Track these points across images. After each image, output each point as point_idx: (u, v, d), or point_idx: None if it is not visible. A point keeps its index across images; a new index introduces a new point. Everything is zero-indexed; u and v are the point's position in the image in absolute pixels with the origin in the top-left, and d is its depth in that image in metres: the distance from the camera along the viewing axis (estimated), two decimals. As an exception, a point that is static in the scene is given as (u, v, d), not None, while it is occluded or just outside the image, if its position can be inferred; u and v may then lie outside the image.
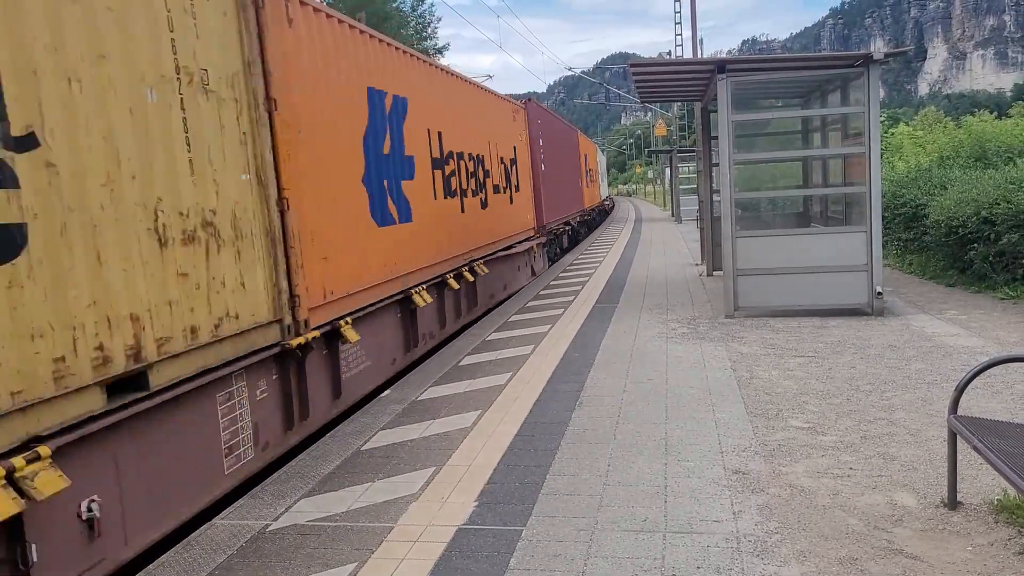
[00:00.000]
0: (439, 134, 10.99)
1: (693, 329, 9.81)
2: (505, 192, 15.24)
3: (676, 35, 45.96)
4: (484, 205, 13.46)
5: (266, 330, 5.82)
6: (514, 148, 16.34)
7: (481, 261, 12.72)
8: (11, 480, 3.42)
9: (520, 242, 15.99)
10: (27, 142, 3.77)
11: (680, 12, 40.33)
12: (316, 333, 6.49)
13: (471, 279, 11.87)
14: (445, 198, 11.10)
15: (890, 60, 10.15)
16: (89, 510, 3.98)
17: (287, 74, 6.40)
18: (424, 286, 9.63)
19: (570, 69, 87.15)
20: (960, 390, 4.36)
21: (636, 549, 4.01)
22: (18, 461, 3.47)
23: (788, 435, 5.67)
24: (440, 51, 47.21)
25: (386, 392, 7.71)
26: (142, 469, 4.43)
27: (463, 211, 12.06)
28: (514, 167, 16.20)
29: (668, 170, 41.52)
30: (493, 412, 6.62)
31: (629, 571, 3.79)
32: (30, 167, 3.77)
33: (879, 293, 9.90)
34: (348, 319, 7.20)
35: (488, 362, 8.61)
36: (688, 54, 34.24)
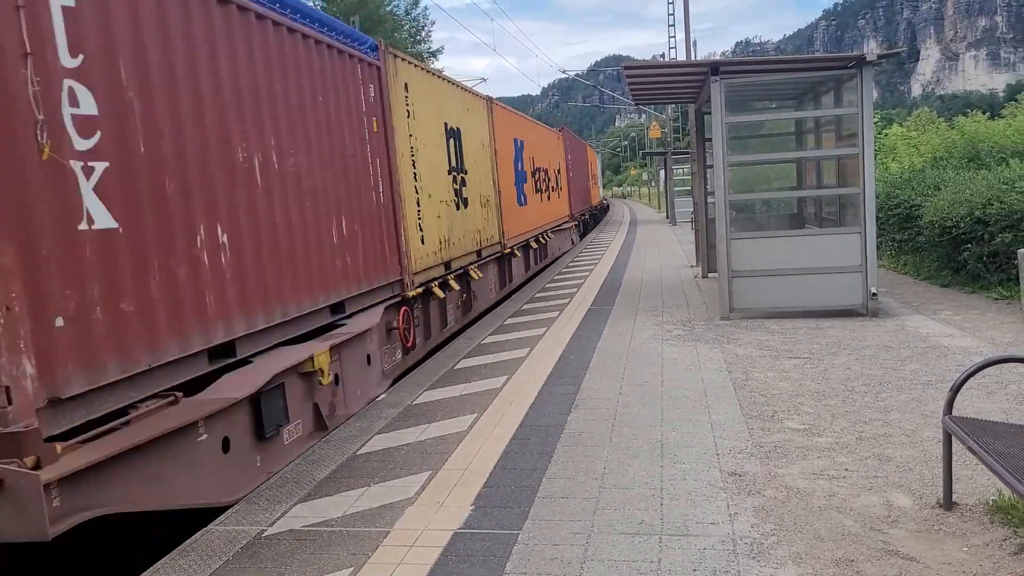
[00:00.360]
0: (532, 158, 19.17)
1: (688, 331, 9.81)
2: (556, 192, 23.39)
3: (670, 37, 45.95)
4: (549, 199, 21.77)
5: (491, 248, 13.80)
6: (558, 162, 24.78)
7: (549, 232, 20.98)
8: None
9: (564, 223, 24.68)
10: (465, 170, 12.29)
11: (674, 14, 40.43)
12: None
13: (544, 242, 20.12)
14: (535, 194, 19.31)
15: (883, 61, 10.18)
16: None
17: (499, 136, 15.03)
18: (519, 245, 16.49)
19: (564, 72, 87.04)
20: (955, 391, 4.37)
21: (633, 552, 4.01)
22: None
23: (784, 436, 5.68)
24: (434, 54, 47.21)
25: (381, 396, 7.71)
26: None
27: (541, 202, 20.41)
28: (558, 175, 24.37)
29: (662, 172, 41.55)
30: (489, 415, 6.62)
31: (626, 574, 3.79)
32: (467, 177, 12.28)
33: (874, 294, 9.92)
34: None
35: (484, 365, 8.60)
36: (682, 56, 34.27)
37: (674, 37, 49.20)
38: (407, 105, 9.82)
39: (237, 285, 5.62)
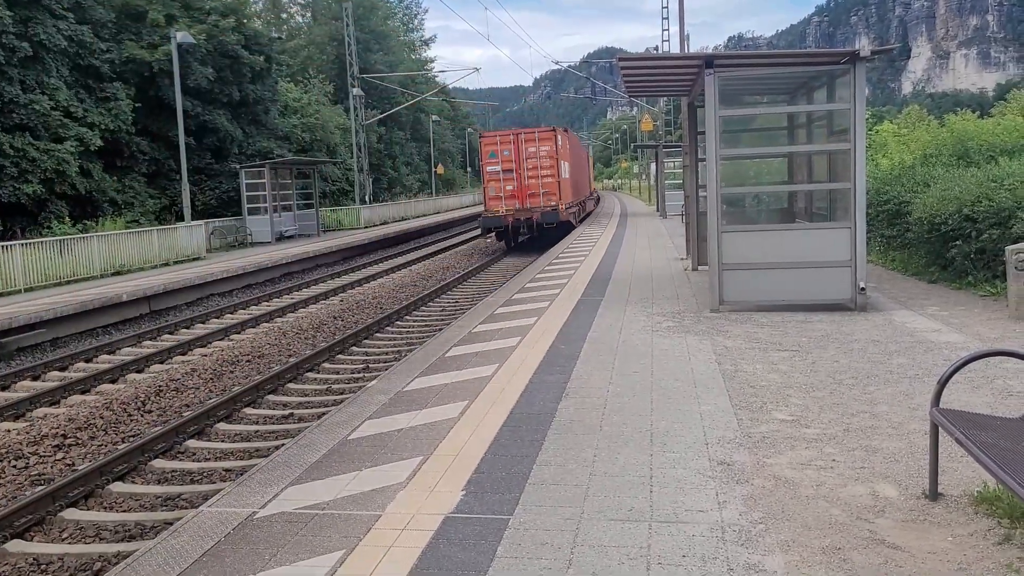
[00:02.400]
0: (582, 165, 39.18)
1: (678, 323, 9.86)
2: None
3: (663, 30, 45.92)
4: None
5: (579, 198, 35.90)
6: (583, 158, 40.14)
7: (587, 200, 40.18)
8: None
9: (588, 197, 40.99)
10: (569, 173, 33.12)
11: (668, 7, 40.41)
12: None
13: (586, 201, 38.90)
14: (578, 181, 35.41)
15: (876, 58, 10.23)
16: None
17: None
18: (582, 200, 36.36)
19: (557, 63, 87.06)
20: (942, 384, 4.42)
21: (622, 538, 4.05)
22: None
23: (772, 427, 5.73)
24: (426, 43, 47.09)
25: (372, 383, 7.72)
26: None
27: (584, 184, 40.40)
28: (583, 168, 39.26)
29: (654, 165, 41.64)
30: (480, 403, 6.64)
31: (615, 559, 3.82)
32: (571, 173, 34.41)
33: (862, 289, 9.99)
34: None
35: (475, 353, 8.63)
36: (675, 50, 34.32)
37: (667, 30, 49.22)
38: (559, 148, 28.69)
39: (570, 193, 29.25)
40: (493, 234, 28.53)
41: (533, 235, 27.48)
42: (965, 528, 4.05)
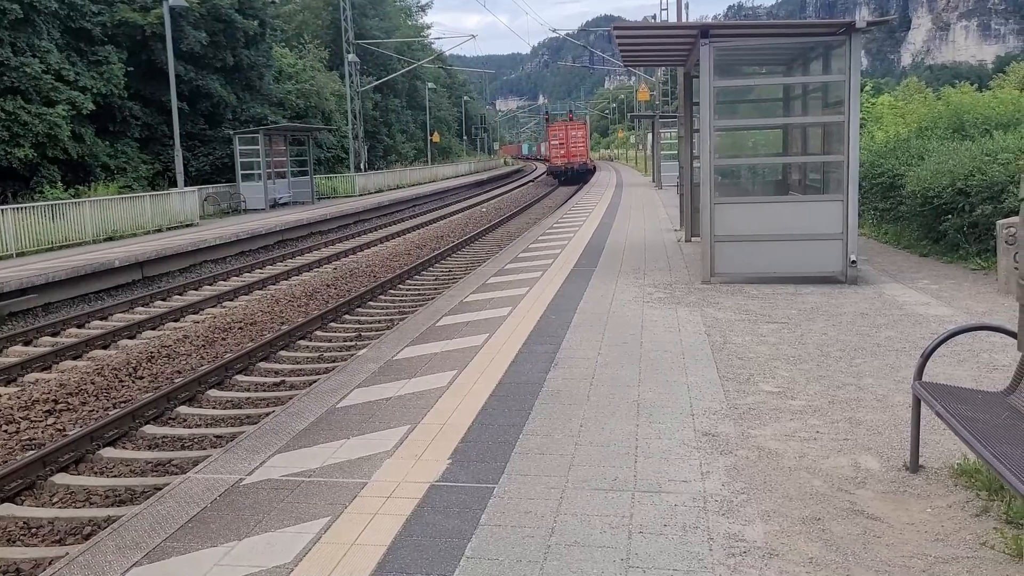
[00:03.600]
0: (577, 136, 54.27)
1: (669, 294, 9.88)
2: (584, 148, 53.49)
3: (662, -2, 45.36)
4: (585, 154, 53.85)
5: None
6: (581, 135, 54.11)
7: (589, 164, 54.83)
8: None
9: (587, 163, 53.86)
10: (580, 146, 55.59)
11: (666, -25, 39.93)
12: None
13: (591, 165, 55.65)
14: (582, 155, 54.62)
15: (873, 29, 10.16)
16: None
17: (586, 136, 57.77)
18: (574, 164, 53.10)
19: (554, 31, 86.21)
20: (926, 357, 4.45)
21: (605, 507, 4.09)
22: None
23: (758, 399, 5.77)
24: (423, 8, 46.61)
25: (362, 351, 7.74)
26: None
27: (587, 150, 56.52)
28: (581, 140, 53.73)
29: (650, 135, 41.44)
30: (469, 372, 6.67)
31: (598, 528, 3.87)
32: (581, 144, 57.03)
33: (853, 261, 10.02)
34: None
35: (465, 323, 8.64)
36: (673, 18, 33.98)
37: (666, -2, 48.63)
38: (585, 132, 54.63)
39: (587, 154, 55.70)
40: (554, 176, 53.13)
41: (573, 175, 51.00)
42: (944, 500, 4.10)
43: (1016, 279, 4.62)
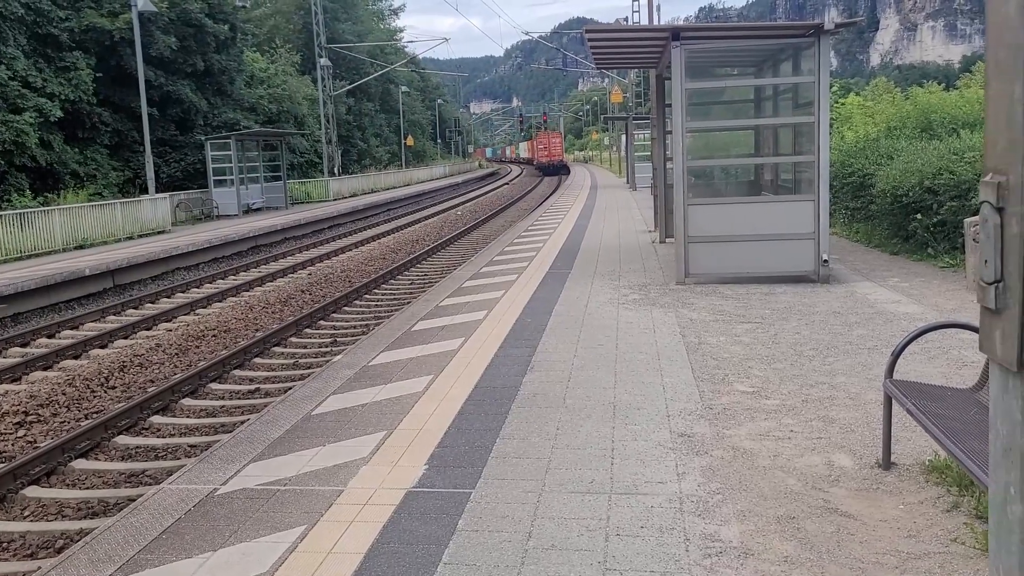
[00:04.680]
0: (558, 144, 79.79)
1: (644, 295, 9.93)
2: (560, 151, 78.50)
3: (634, 0, 45.68)
4: (561, 155, 78.53)
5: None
6: (558, 142, 79.94)
7: (564, 161, 78.96)
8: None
9: (563, 160, 77.88)
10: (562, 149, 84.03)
11: (637, -23, 40.13)
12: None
13: (565, 163, 79.34)
14: (554, 151, 78.80)
15: (841, 30, 10.28)
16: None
17: (561, 142, 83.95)
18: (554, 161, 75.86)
19: (527, 34, 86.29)
20: (896, 355, 4.51)
21: (582, 510, 4.10)
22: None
23: (733, 399, 5.81)
24: (396, 12, 46.49)
25: (337, 358, 7.70)
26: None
27: (561, 152, 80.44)
28: (557, 144, 78.76)
29: (624, 137, 41.60)
30: (445, 377, 6.66)
31: (575, 531, 3.88)
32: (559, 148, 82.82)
33: (825, 261, 10.12)
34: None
35: (441, 327, 8.63)
36: (645, 21, 34.18)
37: (638, 0, 48.91)
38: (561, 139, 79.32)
39: (562, 154, 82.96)
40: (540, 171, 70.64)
41: (552, 168, 69.76)
42: (916, 496, 4.15)
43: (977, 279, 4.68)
